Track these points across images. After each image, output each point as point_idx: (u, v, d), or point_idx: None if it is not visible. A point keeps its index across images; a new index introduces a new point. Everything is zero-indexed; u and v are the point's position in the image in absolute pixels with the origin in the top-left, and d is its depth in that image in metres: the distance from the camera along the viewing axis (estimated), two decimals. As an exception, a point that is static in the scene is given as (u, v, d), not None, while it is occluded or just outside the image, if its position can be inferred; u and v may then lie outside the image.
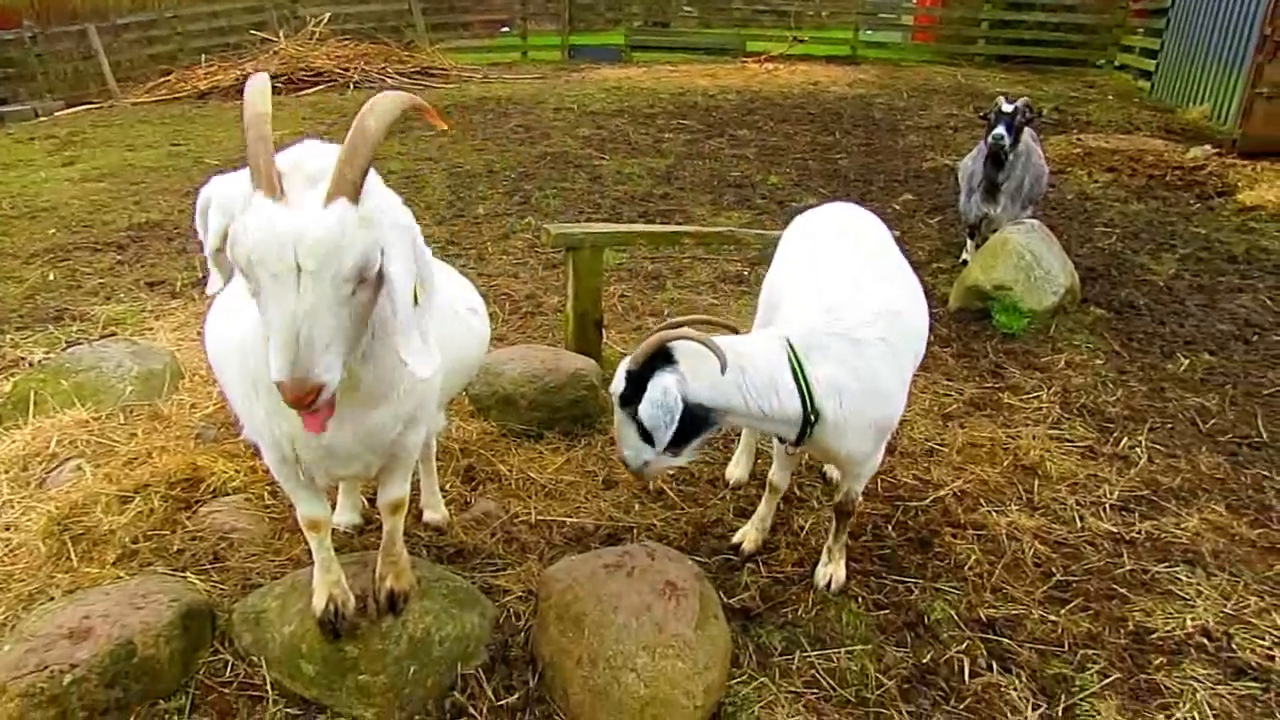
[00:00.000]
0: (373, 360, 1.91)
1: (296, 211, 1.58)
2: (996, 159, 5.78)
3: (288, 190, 1.60)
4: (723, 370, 2.34)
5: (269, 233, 1.56)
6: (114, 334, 4.98)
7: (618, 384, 2.43)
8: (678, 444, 2.44)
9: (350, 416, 1.99)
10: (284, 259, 1.55)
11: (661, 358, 2.36)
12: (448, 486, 3.50)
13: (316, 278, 1.56)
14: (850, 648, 2.80)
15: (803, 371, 2.47)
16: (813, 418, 2.49)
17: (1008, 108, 5.66)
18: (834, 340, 2.52)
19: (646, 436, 2.37)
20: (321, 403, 1.62)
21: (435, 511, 3.27)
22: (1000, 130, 5.63)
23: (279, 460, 2.17)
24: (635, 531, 3.34)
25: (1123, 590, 3.10)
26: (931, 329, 3.33)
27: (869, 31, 18.54)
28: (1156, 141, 9.86)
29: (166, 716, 2.43)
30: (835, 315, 2.55)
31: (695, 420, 2.41)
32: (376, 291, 1.74)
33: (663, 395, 2.29)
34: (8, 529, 3.17)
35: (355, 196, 1.62)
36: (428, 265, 1.84)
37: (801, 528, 3.39)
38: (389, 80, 14.27)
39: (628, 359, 2.43)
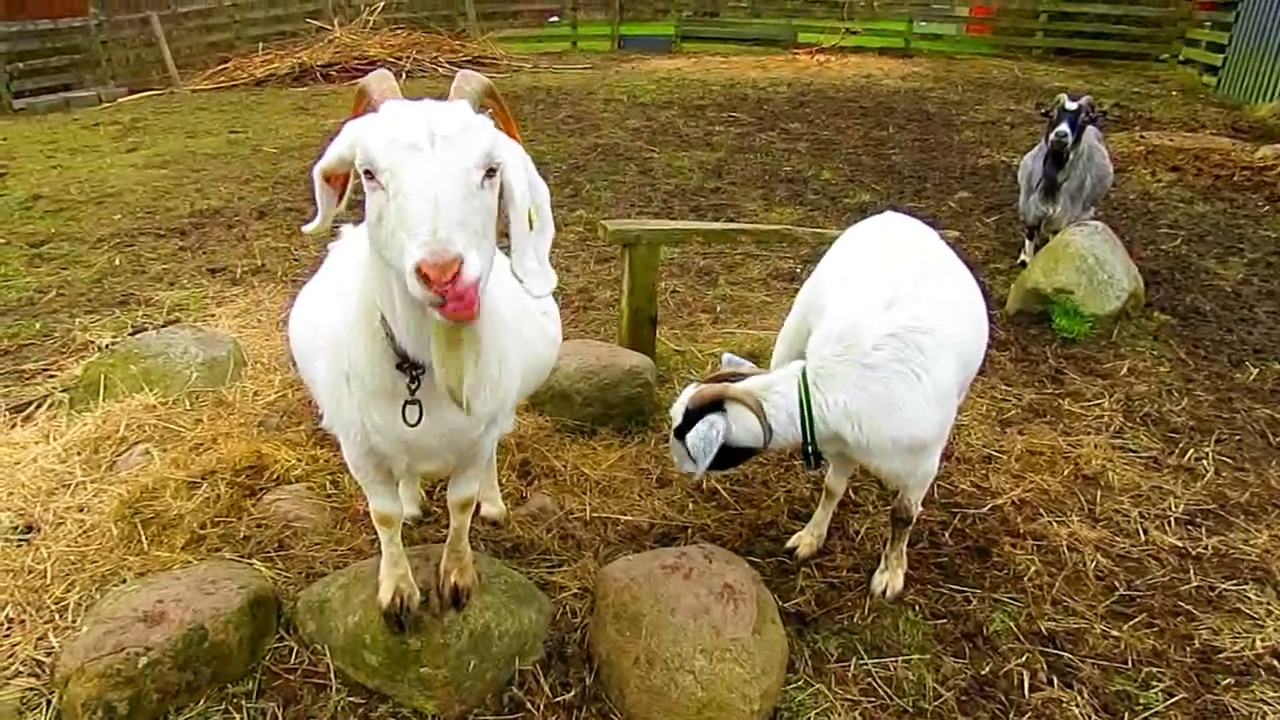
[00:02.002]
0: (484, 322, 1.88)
1: (425, 104, 1.69)
2: (1058, 157, 5.66)
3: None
4: (765, 444, 2.69)
5: (403, 111, 1.65)
6: (178, 320, 5.09)
7: (676, 418, 2.81)
8: (721, 467, 2.84)
9: (438, 415, 2.03)
10: (419, 128, 1.60)
11: (715, 405, 2.72)
12: (504, 481, 3.53)
13: (449, 144, 1.60)
14: (907, 656, 2.78)
15: (808, 401, 2.65)
16: (810, 447, 2.69)
17: (1071, 105, 5.53)
18: (844, 367, 2.63)
19: (695, 458, 2.74)
20: (466, 282, 1.52)
21: (493, 505, 3.31)
22: (1064, 127, 5.50)
23: (361, 454, 2.20)
24: (689, 531, 3.34)
25: (1189, 607, 3.03)
26: (989, 333, 3.29)
27: (923, 23, 18.23)
28: (1223, 140, 9.54)
29: (235, 701, 2.49)
30: (846, 342, 2.66)
31: (738, 453, 2.78)
32: (498, 200, 1.74)
33: (708, 429, 2.68)
34: (81, 510, 3.27)
35: (473, 107, 1.73)
36: (542, 193, 1.88)
37: (857, 532, 3.37)
38: (440, 69, 14.39)
39: (688, 395, 2.78)
